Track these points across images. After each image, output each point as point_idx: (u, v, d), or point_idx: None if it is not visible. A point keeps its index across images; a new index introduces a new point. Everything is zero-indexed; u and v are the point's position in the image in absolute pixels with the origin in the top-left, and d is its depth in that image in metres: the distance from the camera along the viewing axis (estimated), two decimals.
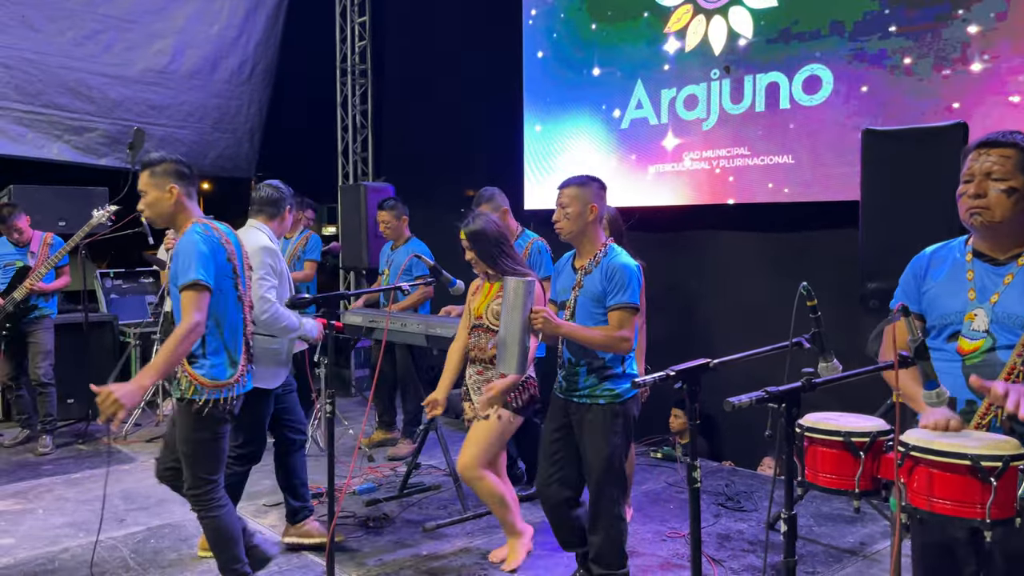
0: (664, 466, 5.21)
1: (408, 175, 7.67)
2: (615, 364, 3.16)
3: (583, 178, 3.25)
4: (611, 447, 3.14)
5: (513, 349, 3.03)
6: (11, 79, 6.77)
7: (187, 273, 2.95)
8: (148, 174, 3.15)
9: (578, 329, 3.11)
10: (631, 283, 3.09)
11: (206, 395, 3.03)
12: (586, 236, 3.20)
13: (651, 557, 3.82)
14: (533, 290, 3.04)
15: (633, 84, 5.79)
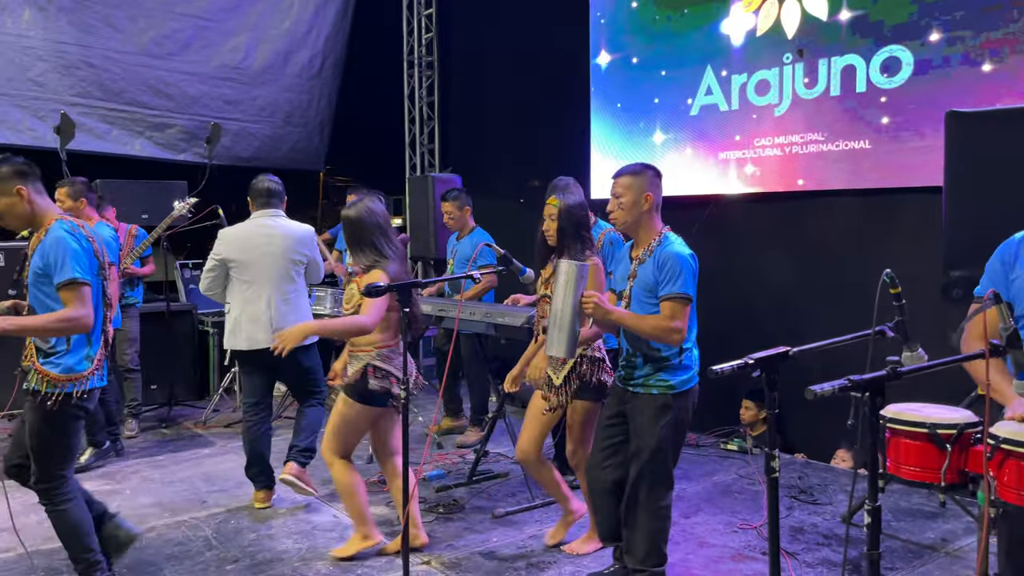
0: (735, 458, 5.14)
1: (474, 166, 7.72)
2: (672, 355, 3.11)
3: (637, 166, 3.21)
4: (658, 438, 3.08)
5: (563, 332, 3.02)
6: (96, 78, 7.07)
7: (63, 271, 3.01)
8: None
9: (628, 316, 3.07)
10: (684, 272, 3.02)
11: (59, 389, 3.07)
12: (641, 226, 3.16)
13: (722, 548, 3.78)
14: (585, 274, 3.02)
15: (703, 70, 5.70)
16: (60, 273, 3.02)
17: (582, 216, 3.56)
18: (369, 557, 3.73)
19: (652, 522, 3.12)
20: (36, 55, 6.81)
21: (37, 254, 3.08)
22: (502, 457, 5.18)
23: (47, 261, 3.04)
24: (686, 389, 3.13)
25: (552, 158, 6.93)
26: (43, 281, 3.08)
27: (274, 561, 3.71)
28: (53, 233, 3.08)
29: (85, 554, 3.22)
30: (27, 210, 3.14)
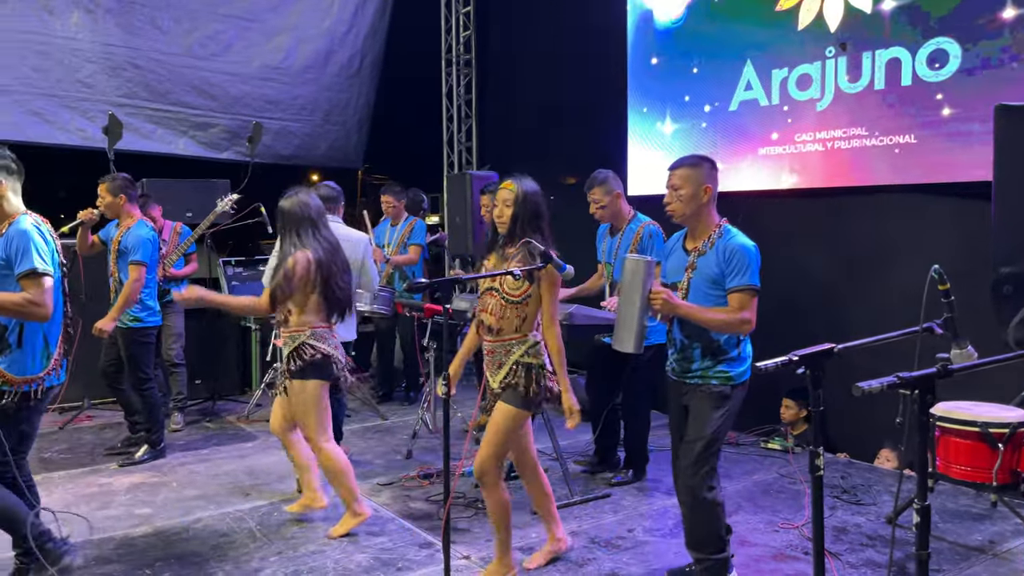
0: (775, 456, 5.08)
1: (512, 163, 7.69)
2: (730, 346, 3.12)
3: (695, 158, 3.21)
4: (713, 428, 3.10)
5: (631, 328, 3.03)
6: (142, 79, 7.23)
7: (24, 262, 3.04)
8: None
9: (697, 310, 3.06)
10: (751, 264, 3.04)
11: (15, 388, 3.10)
12: (700, 218, 3.16)
13: (763, 548, 3.75)
14: (653, 270, 3.03)
15: (742, 65, 5.64)
16: (22, 263, 3.06)
17: (538, 205, 3.31)
18: (409, 552, 3.76)
19: (707, 510, 3.13)
20: (84, 57, 6.97)
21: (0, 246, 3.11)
22: (541, 453, 5.17)
23: (9, 252, 3.08)
24: (743, 381, 3.14)
25: (589, 155, 6.90)
26: (5, 272, 3.10)
27: (316, 553, 3.76)
28: (17, 225, 3.12)
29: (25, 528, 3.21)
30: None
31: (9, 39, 6.65)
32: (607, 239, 4.56)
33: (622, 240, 4.39)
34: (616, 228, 4.49)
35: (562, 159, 7.40)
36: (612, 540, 3.87)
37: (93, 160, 6.96)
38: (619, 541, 3.86)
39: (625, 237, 4.39)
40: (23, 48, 6.71)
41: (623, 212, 4.47)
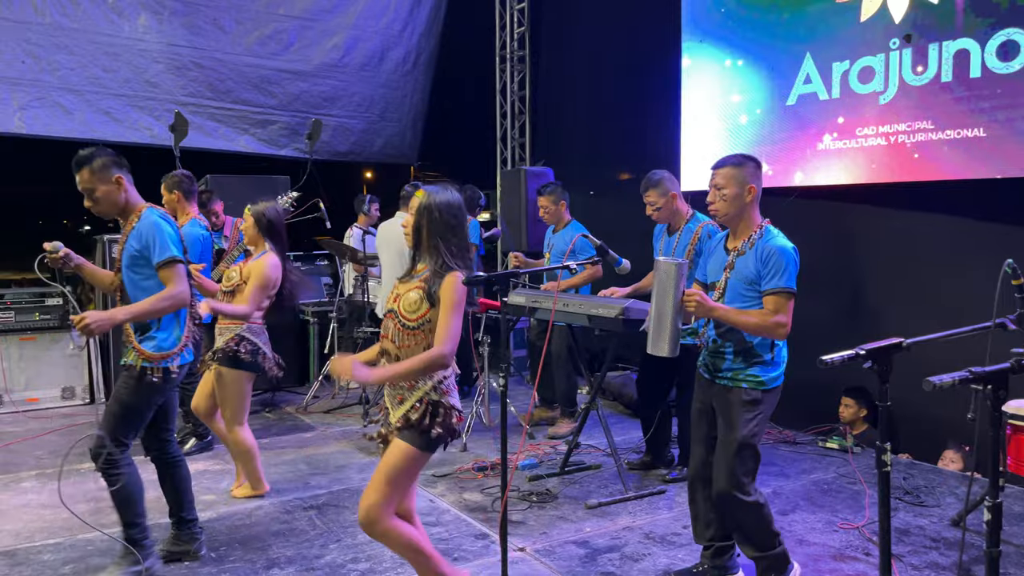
0: (833, 456, 4.99)
1: (565, 160, 7.74)
2: (763, 350, 3.07)
3: (739, 157, 3.17)
4: (745, 432, 3.05)
5: (665, 331, 3.01)
6: (205, 78, 7.43)
7: (163, 252, 3.24)
8: (88, 171, 3.26)
9: (732, 312, 3.02)
10: (788, 267, 2.98)
11: (155, 365, 3.30)
12: (742, 217, 3.12)
13: (822, 547, 3.70)
14: (685, 272, 3.01)
15: (801, 58, 5.54)
16: (159, 253, 3.24)
17: (450, 219, 2.80)
18: (465, 542, 3.81)
19: (756, 513, 3.09)
20: (151, 57, 7.20)
21: (132, 238, 3.28)
22: (594, 449, 5.20)
23: (144, 243, 3.25)
24: (775, 386, 3.10)
25: (642, 150, 6.89)
26: (140, 263, 3.29)
27: (374, 542, 3.81)
28: (148, 218, 3.30)
29: (139, 518, 3.42)
30: (122, 199, 3.32)
31: (81, 40, 6.91)
32: (664, 238, 4.53)
33: (680, 239, 4.36)
34: (674, 227, 4.46)
35: (615, 154, 7.38)
36: (667, 536, 3.86)
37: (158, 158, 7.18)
38: (674, 537, 3.85)
39: (683, 237, 4.36)
40: (94, 49, 6.96)
41: (681, 212, 4.44)
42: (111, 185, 3.29)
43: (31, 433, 5.84)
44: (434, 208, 2.81)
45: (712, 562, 3.34)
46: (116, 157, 3.35)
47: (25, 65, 6.74)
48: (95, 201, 3.31)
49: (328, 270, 8.02)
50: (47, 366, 6.61)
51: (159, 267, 3.27)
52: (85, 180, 3.28)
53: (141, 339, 3.34)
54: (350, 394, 6.64)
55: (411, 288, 2.81)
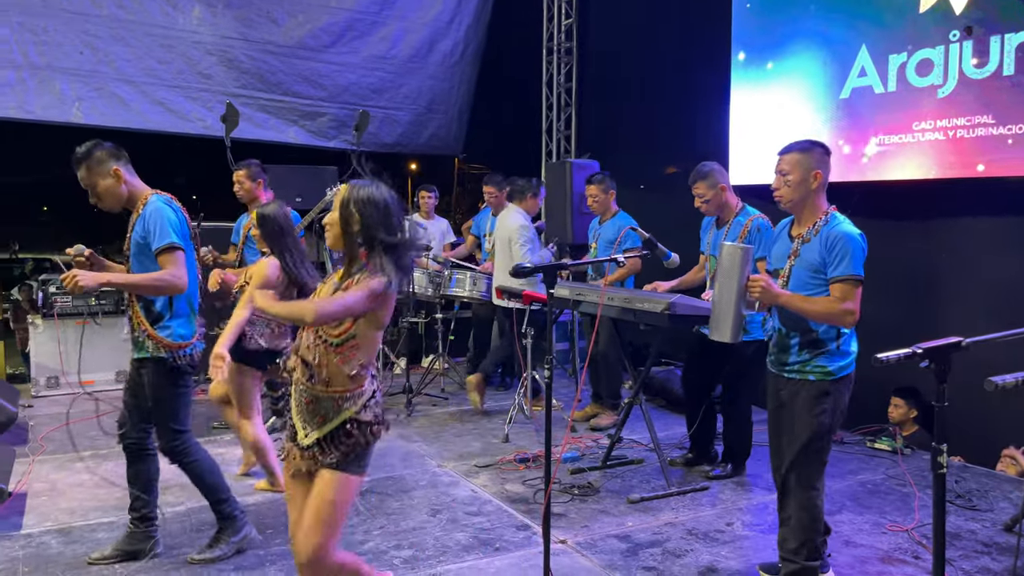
0: (882, 457, 4.90)
1: (611, 152, 7.69)
2: (829, 339, 3.01)
3: (806, 143, 3.12)
4: (814, 427, 3.00)
5: (728, 317, 2.98)
6: (257, 70, 7.55)
7: (161, 238, 3.24)
8: (85, 168, 3.25)
9: (798, 299, 2.97)
10: (855, 253, 2.92)
11: (174, 353, 3.33)
12: (807, 204, 3.07)
13: (870, 549, 3.64)
14: (751, 257, 2.97)
15: (856, 50, 5.42)
16: (158, 239, 3.25)
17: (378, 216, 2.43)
18: (507, 533, 3.83)
19: (804, 513, 3.05)
20: (205, 50, 7.34)
21: (138, 226, 3.30)
22: (636, 444, 5.18)
23: (147, 230, 3.26)
24: (844, 376, 3.03)
25: (690, 143, 6.81)
26: (144, 251, 3.29)
27: (417, 529, 3.88)
28: (151, 205, 3.30)
29: (223, 493, 3.53)
30: (123, 191, 3.32)
31: (137, 32, 7.07)
32: (712, 231, 4.48)
33: (728, 233, 4.31)
34: (723, 220, 4.41)
35: (663, 147, 7.31)
36: (710, 533, 3.83)
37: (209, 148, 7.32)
38: (717, 534, 3.82)
39: (732, 230, 4.30)
40: (150, 41, 7.11)
41: (730, 204, 4.38)
42: (110, 179, 3.29)
43: (86, 414, 6.01)
44: (357, 203, 2.43)
45: None
46: (114, 149, 3.33)
47: (83, 56, 6.91)
48: (98, 197, 3.32)
49: None
50: (102, 350, 6.80)
51: (158, 253, 3.25)
52: (84, 177, 3.29)
53: (157, 328, 3.34)
54: (393, 383, 6.70)
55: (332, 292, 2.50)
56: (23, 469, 4.69)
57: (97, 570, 3.44)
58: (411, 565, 3.49)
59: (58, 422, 5.79)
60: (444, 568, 3.46)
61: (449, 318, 7.05)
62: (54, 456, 5.03)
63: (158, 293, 3.31)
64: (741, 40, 6.28)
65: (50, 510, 4.12)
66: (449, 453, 5.08)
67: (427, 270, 6.44)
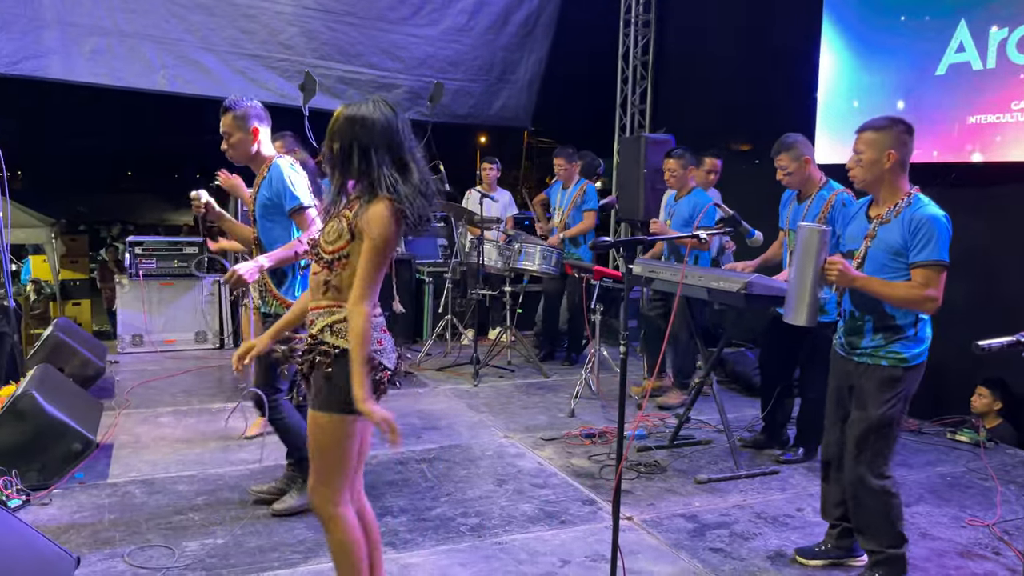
0: (963, 449, 4.73)
1: (687, 127, 7.52)
2: (907, 324, 2.91)
3: (883, 120, 2.99)
4: (883, 412, 2.93)
5: (804, 299, 2.92)
6: (336, 41, 7.64)
7: (294, 199, 3.37)
8: (231, 116, 3.40)
9: (876, 282, 2.88)
10: (940, 237, 2.81)
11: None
12: (883, 184, 2.96)
13: (948, 543, 3.52)
14: (828, 239, 2.89)
15: (954, 25, 5.16)
16: (290, 200, 3.39)
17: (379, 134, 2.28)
18: (572, 506, 3.84)
19: (881, 500, 2.98)
20: (287, 21, 7.45)
21: (264, 187, 3.45)
22: (704, 424, 5.12)
23: (275, 191, 3.40)
24: (918, 364, 2.94)
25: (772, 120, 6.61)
26: (270, 211, 3.45)
27: (483, 499, 3.92)
28: (276, 168, 3.44)
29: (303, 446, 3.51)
30: (253, 149, 3.47)
31: (222, 3, 7.21)
32: (793, 205, 4.34)
33: (811, 207, 4.18)
34: (804, 195, 4.27)
35: (743, 124, 7.13)
36: (779, 517, 3.77)
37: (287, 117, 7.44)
38: (787, 519, 3.75)
39: (815, 204, 4.17)
40: (233, 12, 7.26)
41: (813, 178, 4.24)
42: (247, 134, 3.44)
43: (168, 372, 6.26)
44: (358, 121, 2.28)
45: (837, 542, 3.25)
46: (260, 110, 3.50)
47: (169, 25, 7.09)
48: (231, 146, 3.47)
49: (444, 232, 8.17)
50: (183, 311, 7.05)
51: (291, 213, 3.41)
52: (226, 124, 3.44)
53: (282, 290, 3.50)
54: (461, 354, 6.77)
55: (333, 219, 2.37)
56: (109, 422, 4.91)
57: (178, 519, 3.59)
58: (477, 533, 3.54)
59: (142, 378, 6.04)
60: (510, 537, 3.50)
61: (517, 291, 7.06)
62: (138, 411, 5.25)
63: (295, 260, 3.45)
64: (833, 12, 6.04)
65: (134, 462, 4.31)
66: (515, 425, 5.11)
67: (497, 242, 6.45)
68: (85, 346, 5.61)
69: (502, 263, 6.39)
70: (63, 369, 5.10)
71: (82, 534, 3.43)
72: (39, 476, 3.92)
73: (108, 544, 3.34)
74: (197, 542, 3.37)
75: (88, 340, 5.96)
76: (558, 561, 3.30)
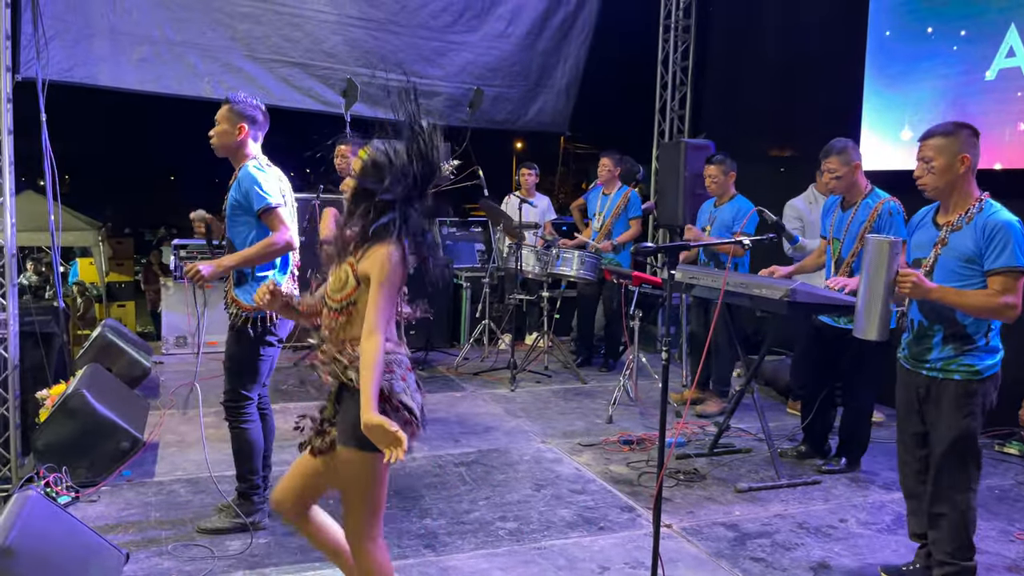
0: (1012, 462, 4.63)
1: (727, 133, 7.46)
2: (978, 335, 2.85)
3: (950, 125, 2.93)
4: (962, 428, 2.87)
5: (875, 312, 2.84)
6: (379, 49, 7.71)
7: (261, 200, 3.30)
8: (228, 108, 3.41)
9: (952, 292, 2.81)
10: (1017, 242, 2.75)
11: (247, 315, 3.36)
12: (956, 190, 2.90)
13: (996, 556, 3.45)
14: (899, 251, 2.82)
15: (1005, 28, 5.06)
16: (257, 201, 3.33)
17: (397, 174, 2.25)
18: (611, 513, 3.83)
19: (958, 514, 2.94)
20: (330, 29, 7.54)
21: (234, 188, 3.42)
22: (744, 433, 5.06)
23: (243, 192, 3.36)
24: (991, 375, 2.88)
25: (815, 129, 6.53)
26: (240, 211, 3.40)
27: (522, 503, 3.93)
28: (244, 169, 3.40)
29: (250, 475, 3.53)
30: (234, 144, 3.44)
31: (267, 12, 7.33)
32: (837, 212, 4.28)
33: (856, 215, 4.11)
34: (849, 202, 4.21)
35: (785, 132, 7.05)
36: (822, 528, 3.72)
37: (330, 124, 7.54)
38: (830, 530, 3.70)
39: (860, 212, 4.11)
40: (278, 20, 7.37)
41: (860, 185, 4.17)
42: (233, 128, 3.42)
43: (210, 373, 6.36)
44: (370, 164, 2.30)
45: (926, 562, 3.18)
46: (258, 113, 3.48)
47: (215, 34, 7.23)
48: (215, 134, 3.47)
49: (482, 237, 8.20)
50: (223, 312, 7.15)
51: (260, 214, 3.34)
52: (220, 114, 3.47)
53: (238, 290, 3.43)
54: (498, 359, 6.79)
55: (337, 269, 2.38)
56: (154, 421, 5.01)
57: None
58: (516, 537, 3.54)
59: (186, 378, 6.16)
60: (549, 543, 3.50)
61: (555, 296, 7.06)
62: (182, 410, 5.35)
63: (273, 257, 3.40)
64: (881, 13, 5.95)
65: (179, 460, 4.40)
66: (553, 430, 5.11)
67: (535, 248, 6.46)
68: (132, 346, 5.74)
69: (540, 268, 6.39)
70: (111, 369, 5.22)
71: (129, 531, 3.51)
72: (88, 473, 4.01)
73: (155, 543, 3.41)
74: (240, 541, 3.43)
75: (135, 341, 6.09)
76: (597, 567, 3.29)
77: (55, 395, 4.36)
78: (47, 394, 4.46)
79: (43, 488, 3.68)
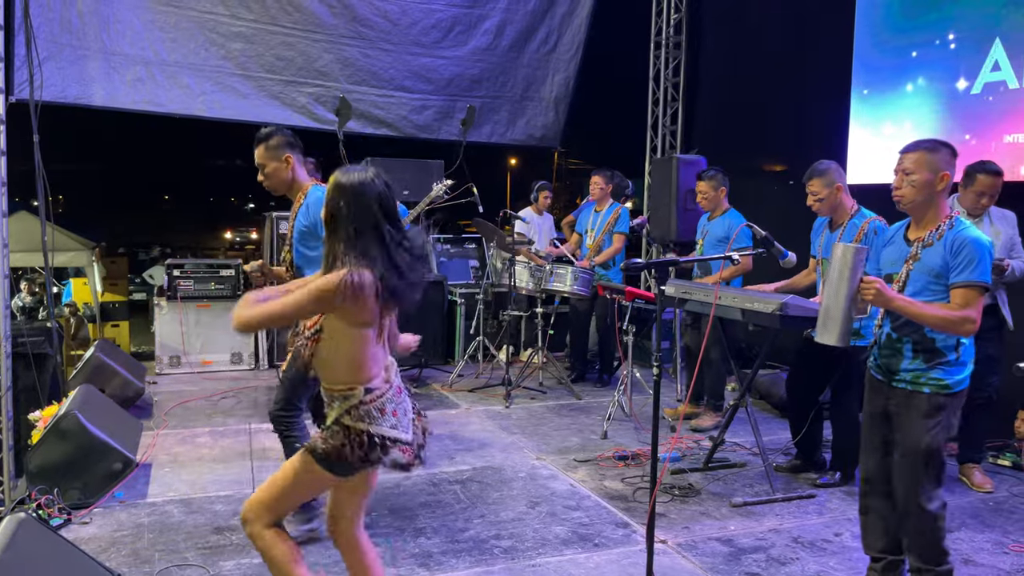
0: (1005, 474, 4.64)
1: (718, 149, 7.52)
2: (948, 349, 2.87)
3: (932, 142, 2.96)
4: (927, 443, 2.88)
5: (836, 319, 2.88)
6: (370, 67, 7.77)
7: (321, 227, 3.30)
8: (264, 148, 3.46)
9: (912, 303, 2.84)
10: (982, 259, 2.77)
11: None
12: (931, 206, 2.93)
13: (989, 568, 3.45)
14: (864, 258, 2.85)
15: (989, 43, 5.12)
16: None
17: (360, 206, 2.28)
18: (606, 529, 3.82)
19: (929, 525, 2.94)
20: (323, 48, 7.60)
21: (301, 214, 3.49)
22: (739, 447, 5.07)
23: (312, 220, 3.43)
24: (960, 390, 2.89)
25: (804, 141, 6.60)
26: (308, 238, 3.48)
27: (516, 521, 3.92)
28: (314, 195, 3.48)
29: None
30: (288, 176, 3.54)
31: (259, 31, 7.38)
32: (825, 233, 4.31)
33: (843, 236, 4.14)
34: (836, 222, 4.24)
35: (775, 145, 7.11)
36: (816, 542, 3.72)
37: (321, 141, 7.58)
38: (825, 544, 3.70)
39: (847, 232, 4.13)
40: (270, 39, 7.42)
41: (845, 206, 4.21)
42: (280, 163, 3.52)
43: (205, 392, 6.36)
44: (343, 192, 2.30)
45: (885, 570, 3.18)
46: (291, 138, 3.57)
47: (208, 53, 7.27)
48: (266, 176, 3.55)
49: (476, 254, 8.22)
50: (219, 332, 7.16)
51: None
52: (260, 156, 3.53)
53: None
54: (493, 375, 6.78)
55: None
56: (148, 441, 4.99)
57: (215, 539, 3.63)
58: (511, 555, 3.53)
59: (180, 398, 6.14)
60: (543, 560, 3.49)
61: (549, 312, 7.08)
62: (176, 431, 5.33)
63: None
64: (866, 31, 6.02)
65: (173, 481, 4.38)
66: (547, 447, 5.10)
67: (528, 264, 6.47)
68: (125, 367, 5.73)
69: (533, 284, 6.41)
70: (104, 389, 5.21)
71: (122, 552, 3.49)
72: (80, 495, 3.99)
73: (147, 563, 3.39)
74: (233, 561, 3.41)
75: (128, 361, 6.08)
76: None
77: (48, 416, 4.35)
78: (40, 415, 4.45)
79: (35, 510, 3.66)
